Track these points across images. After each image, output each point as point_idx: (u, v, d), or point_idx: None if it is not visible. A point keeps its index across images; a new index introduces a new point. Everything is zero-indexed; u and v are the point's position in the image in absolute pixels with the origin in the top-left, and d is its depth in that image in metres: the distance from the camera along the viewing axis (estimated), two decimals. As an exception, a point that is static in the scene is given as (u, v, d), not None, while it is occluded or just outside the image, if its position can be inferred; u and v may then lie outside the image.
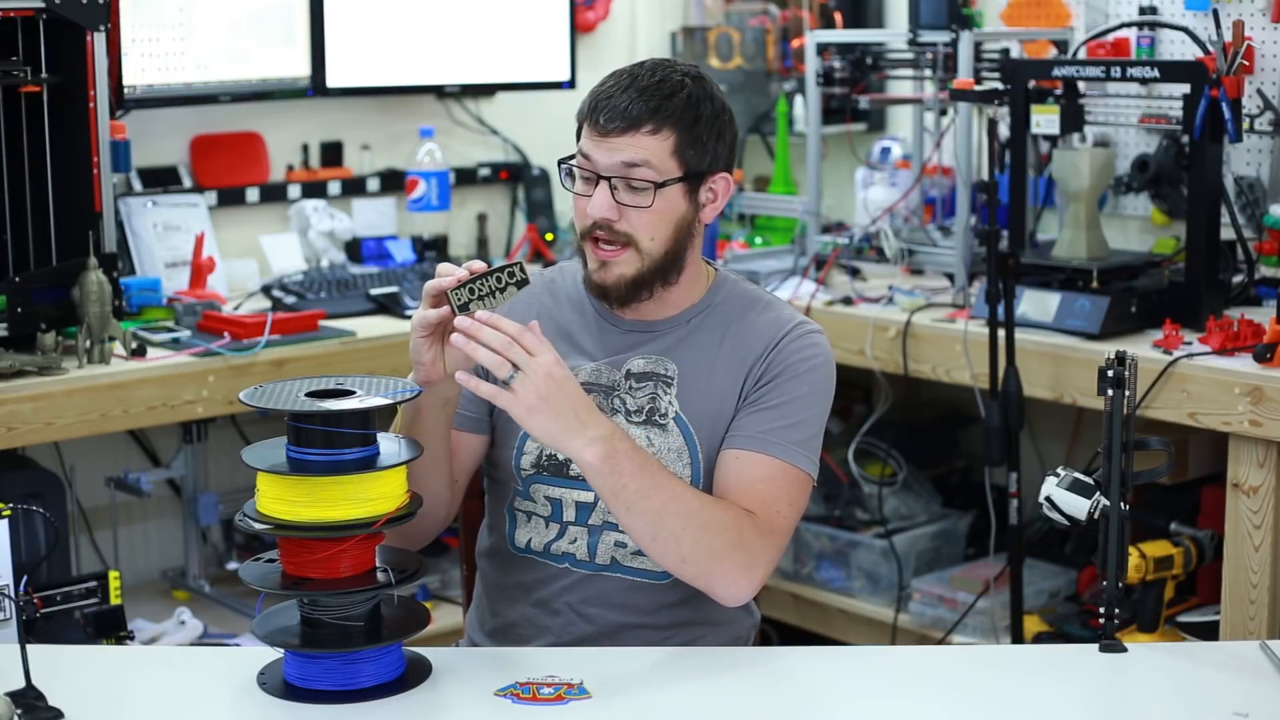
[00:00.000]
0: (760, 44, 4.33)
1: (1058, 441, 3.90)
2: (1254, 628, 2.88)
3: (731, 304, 2.25)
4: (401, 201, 4.08)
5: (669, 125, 2.10)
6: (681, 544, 2.03)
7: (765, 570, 2.08)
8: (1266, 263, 3.34)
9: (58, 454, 3.49)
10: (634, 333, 2.24)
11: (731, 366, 2.20)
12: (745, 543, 2.06)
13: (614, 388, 2.21)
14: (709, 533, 2.04)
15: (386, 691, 1.90)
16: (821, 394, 2.20)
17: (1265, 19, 3.42)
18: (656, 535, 2.03)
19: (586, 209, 2.13)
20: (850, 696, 1.97)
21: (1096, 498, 2.11)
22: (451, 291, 1.99)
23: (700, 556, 2.04)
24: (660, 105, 2.10)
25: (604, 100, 2.11)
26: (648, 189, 2.11)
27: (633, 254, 2.14)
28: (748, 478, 2.12)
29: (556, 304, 2.29)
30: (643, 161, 2.10)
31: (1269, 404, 2.80)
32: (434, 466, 2.11)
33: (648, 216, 2.12)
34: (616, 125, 2.09)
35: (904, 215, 3.78)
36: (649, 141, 2.10)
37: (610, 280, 2.16)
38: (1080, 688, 1.98)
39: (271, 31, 3.77)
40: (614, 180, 2.11)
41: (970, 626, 3.53)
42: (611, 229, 2.13)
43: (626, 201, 2.11)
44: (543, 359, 1.96)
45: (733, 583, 2.06)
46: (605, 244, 2.14)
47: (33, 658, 1.86)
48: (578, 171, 2.15)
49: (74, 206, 3.11)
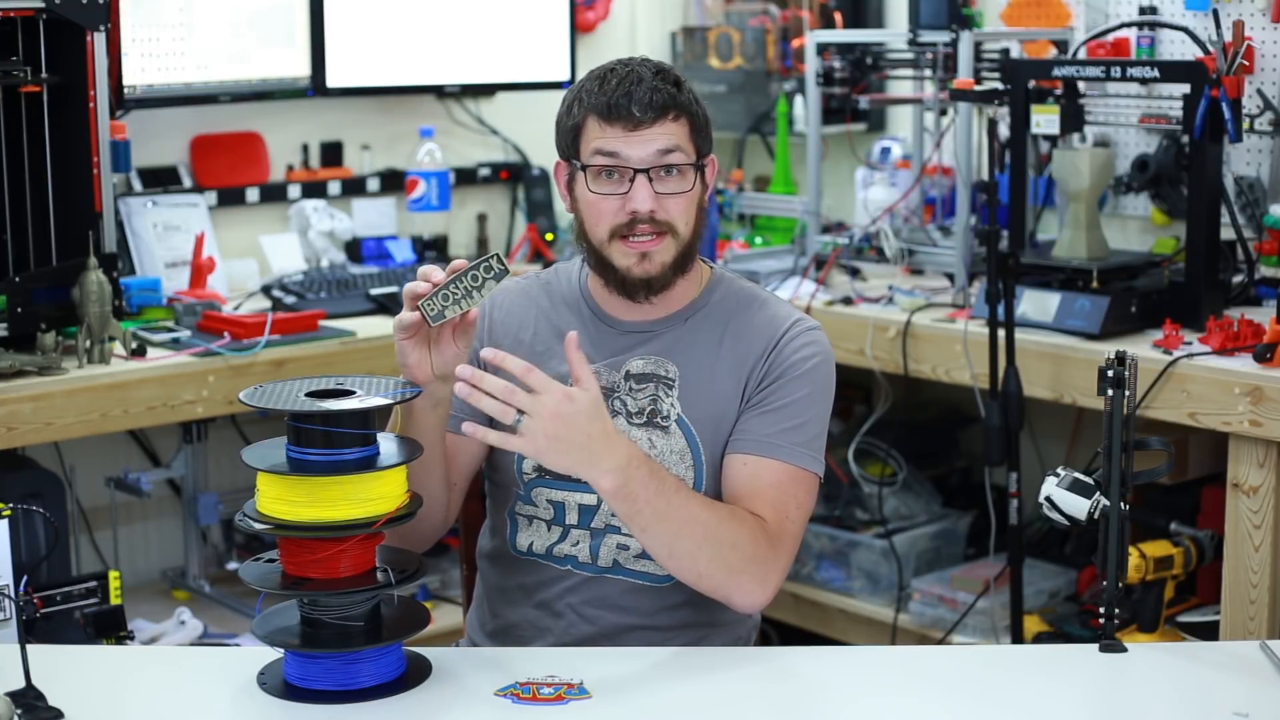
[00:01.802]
0: (760, 44, 4.33)
1: (1058, 441, 3.90)
2: (1254, 628, 2.88)
3: (728, 301, 2.25)
4: (401, 201, 4.08)
5: (685, 111, 2.15)
6: (698, 561, 2.05)
7: (780, 578, 2.11)
8: (1266, 263, 3.33)
9: (58, 454, 3.49)
10: (632, 334, 2.23)
11: (732, 367, 2.20)
12: (760, 554, 2.07)
13: (614, 389, 2.21)
14: (725, 548, 2.05)
15: (386, 691, 1.90)
16: (823, 392, 2.21)
17: (1265, 19, 3.42)
18: (673, 553, 2.05)
19: (625, 206, 2.13)
20: (850, 696, 1.97)
21: (1096, 498, 2.11)
22: (423, 302, 1.98)
23: (716, 571, 2.06)
24: (676, 93, 2.14)
25: (624, 96, 2.11)
26: (687, 172, 2.14)
27: (670, 240, 2.15)
28: (758, 483, 2.13)
29: (553, 306, 2.28)
30: (675, 146, 2.13)
31: (1269, 404, 2.80)
32: (429, 469, 2.11)
33: (684, 201, 2.15)
34: (649, 115, 2.11)
35: (904, 215, 3.78)
36: (675, 127, 2.13)
37: (655, 270, 2.16)
38: (1080, 688, 1.98)
39: (271, 31, 3.77)
40: (650, 171, 2.12)
41: (970, 626, 3.53)
42: (653, 219, 2.13)
43: (665, 190, 2.13)
44: (547, 398, 1.93)
45: (748, 594, 2.08)
46: (642, 236, 2.14)
47: (33, 658, 1.86)
48: (598, 172, 2.14)
49: (74, 206, 3.11)
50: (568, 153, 2.19)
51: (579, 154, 2.16)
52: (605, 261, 2.17)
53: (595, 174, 2.14)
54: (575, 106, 2.16)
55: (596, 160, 2.14)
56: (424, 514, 2.03)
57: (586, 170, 2.15)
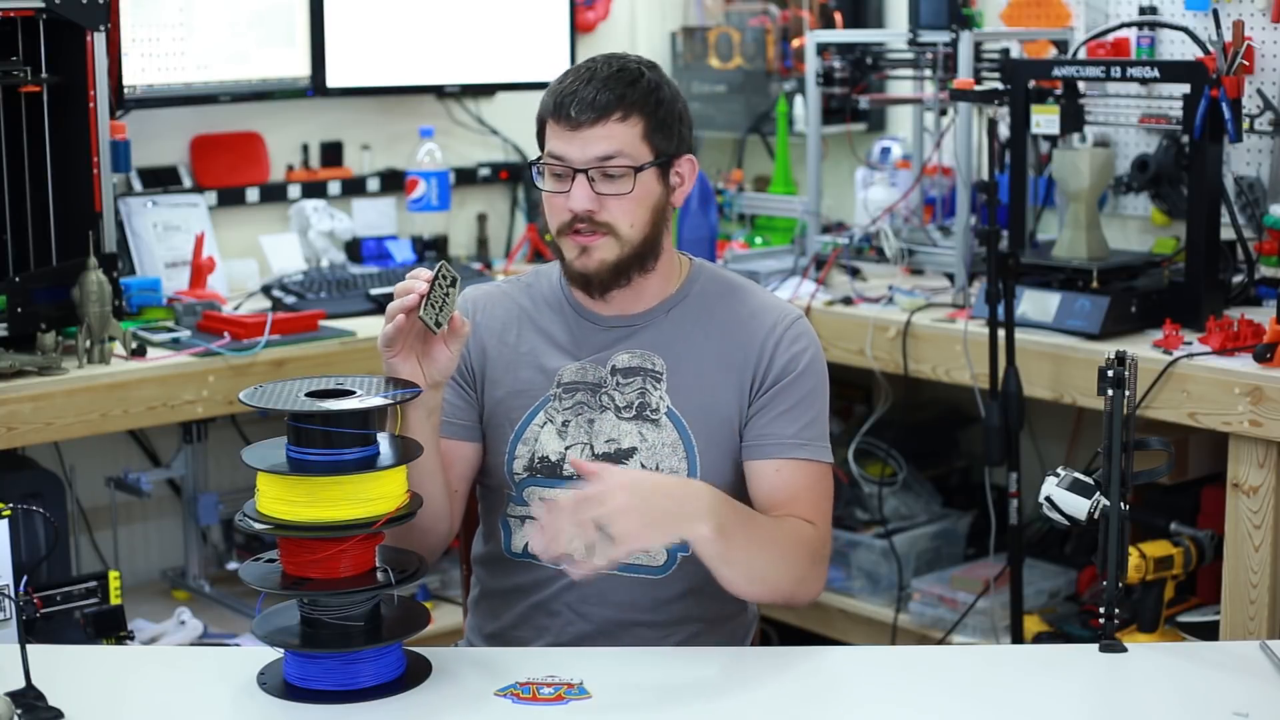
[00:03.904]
0: (760, 44, 4.33)
1: (1058, 441, 3.90)
2: (1254, 628, 2.88)
3: (709, 292, 2.27)
4: (401, 201, 4.08)
5: (636, 111, 2.14)
6: (767, 581, 2.10)
7: (827, 567, 2.20)
8: (1266, 263, 3.33)
9: (58, 454, 3.49)
10: (615, 328, 2.25)
11: (724, 363, 2.22)
12: (818, 555, 2.16)
13: (600, 384, 2.22)
14: (790, 563, 2.11)
15: (386, 691, 1.90)
16: (823, 381, 2.26)
17: (1265, 19, 3.42)
18: (751, 579, 2.09)
19: (566, 204, 2.15)
20: (850, 696, 1.97)
21: (1096, 498, 2.11)
22: (423, 315, 2.01)
23: (785, 584, 2.12)
24: (625, 92, 2.13)
25: (569, 95, 2.13)
26: (626, 175, 2.13)
27: (612, 240, 2.16)
28: (795, 488, 2.18)
29: (535, 306, 2.30)
30: (616, 151, 2.13)
31: (1269, 404, 2.80)
32: (430, 476, 2.11)
33: (627, 203, 2.15)
34: (588, 116, 2.11)
35: (904, 215, 3.78)
36: (619, 129, 2.13)
37: (592, 266, 2.17)
38: (1080, 688, 1.98)
39: (271, 31, 3.77)
40: (590, 172, 2.12)
41: (970, 626, 3.53)
42: (592, 220, 2.14)
43: (605, 191, 2.14)
44: (608, 491, 1.92)
45: (809, 592, 2.16)
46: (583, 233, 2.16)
47: (33, 658, 1.86)
48: (549, 170, 2.16)
49: (74, 206, 3.11)
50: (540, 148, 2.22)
51: (542, 150, 2.19)
52: (561, 256, 2.21)
53: (548, 172, 2.17)
54: (542, 102, 2.19)
55: (548, 159, 2.17)
56: (429, 523, 2.05)
57: (543, 168, 2.18)
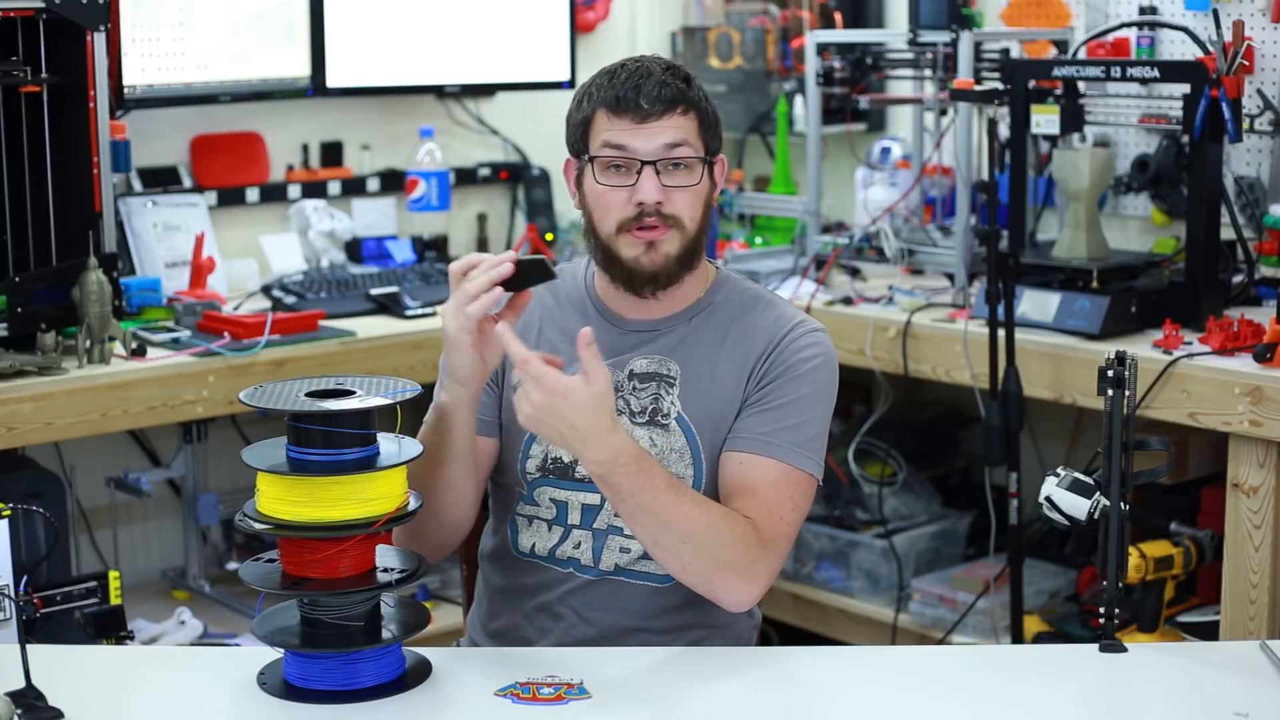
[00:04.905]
0: (760, 44, 4.33)
1: (1058, 441, 3.90)
2: (1254, 628, 2.88)
3: (733, 302, 2.25)
4: (401, 201, 4.08)
5: (695, 107, 2.16)
6: (681, 555, 2.05)
7: (769, 579, 2.10)
8: (1266, 263, 3.33)
9: (58, 454, 3.49)
10: (636, 332, 2.24)
11: (733, 366, 2.21)
12: (749, 555, 2.07)
13: (617, 388, 2.21)
14: (712, 547, 2.05)
15: (386, 691, 1.90)
16: (824, 394, 2.20)
17: (1265, 19, 3.42)
18: (657, 543, 2.05)
19: (630, 198, 2.14)
20: (850, 696, 1.97)
21: (1096, 498, 2.11)
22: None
23: (701, 567, 2.06)
24: (685, 88, 2.15)
25: (631, 90, 2.13)
26: (695, 166, 2.15)
27: (676, 233, 2.16)
28: (752, 482, 2.13)
29: (558, 305, 2.29)
30: (683, 140, 2.14)
31: (1269, 404, 2.80)
32: (463, 463, 2.12)
33: (690, 196, 2.16)
34: (658, 108, 2.12)
35: (904, 215, 3.78)
36: (683, 121, 2.14)
37: (659, 261, 2.16)
38: (1080, 688, 1.98)
39: (271, 31, 3.77)
40: (658, 164, 2.13)
41: (970, 626, 3.53)
42: (660, 213, 2.14)
43: (672, 183, 2.14)
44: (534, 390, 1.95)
45: (734, 591, 2.08)
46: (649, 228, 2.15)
47: (33, 658, 1.86)
48: (606, 164, 2.15)
49: (74, 206, 3.11)
50: (577, 147, 2.20)
51: (588, 147, 2.17)
52: (612, 255, 2.18)
53: (603, 166, 2.15)
54: (585, 101, 2.18)
55: (605, 153, 2.15)
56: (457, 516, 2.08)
57: (595, 162, 2.16)
